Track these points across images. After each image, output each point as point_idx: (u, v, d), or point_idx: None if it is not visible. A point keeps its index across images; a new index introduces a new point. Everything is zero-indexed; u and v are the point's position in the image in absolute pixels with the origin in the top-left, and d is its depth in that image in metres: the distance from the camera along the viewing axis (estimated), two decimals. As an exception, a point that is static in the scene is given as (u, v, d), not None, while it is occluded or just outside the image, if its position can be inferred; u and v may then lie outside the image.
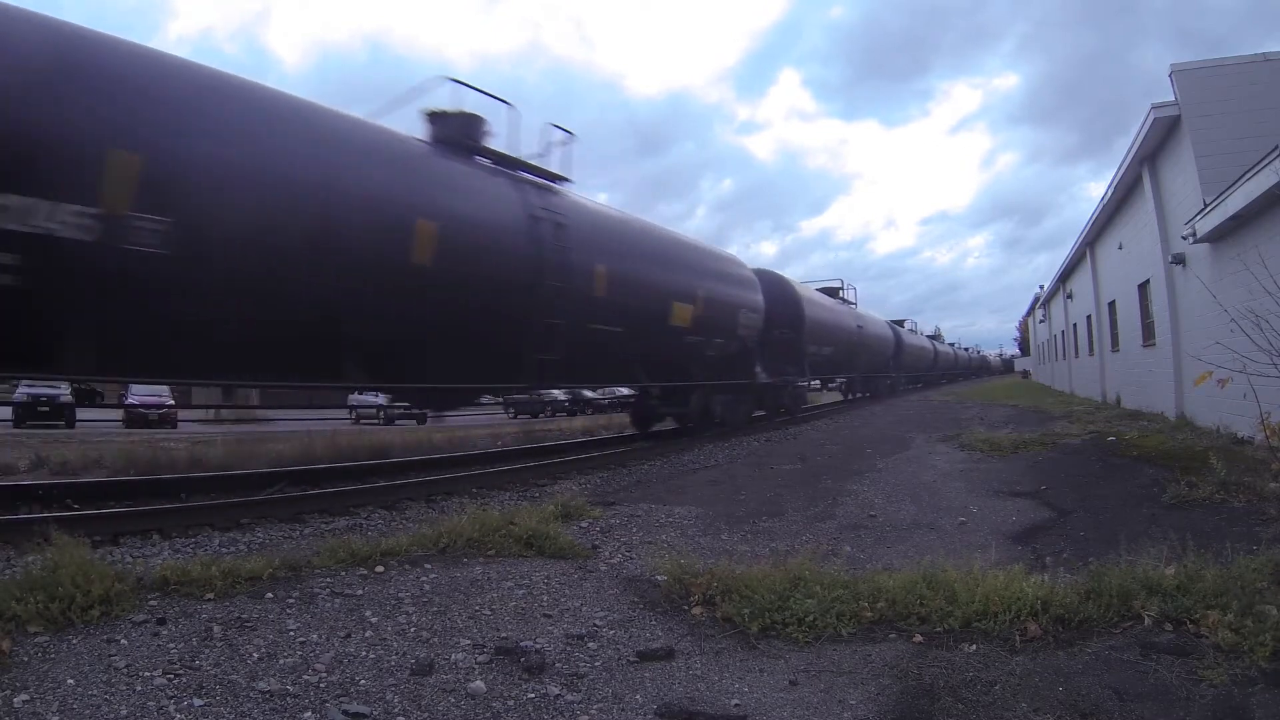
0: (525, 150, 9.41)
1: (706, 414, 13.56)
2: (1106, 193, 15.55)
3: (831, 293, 22.97)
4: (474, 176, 8.49)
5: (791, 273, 21.14)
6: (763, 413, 16.85)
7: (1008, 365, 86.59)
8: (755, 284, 14.95)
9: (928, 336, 44.63)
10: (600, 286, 9.64)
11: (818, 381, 23.38)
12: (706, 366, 13.18)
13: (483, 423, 20.51)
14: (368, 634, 3.18)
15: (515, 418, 26.20)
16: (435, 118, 8.44)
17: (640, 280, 10.67)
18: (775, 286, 16.78)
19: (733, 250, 18.09)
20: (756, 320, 14.35)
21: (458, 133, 8.45)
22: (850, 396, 28.19)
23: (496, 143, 8.99)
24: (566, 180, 9.97)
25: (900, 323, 34.51)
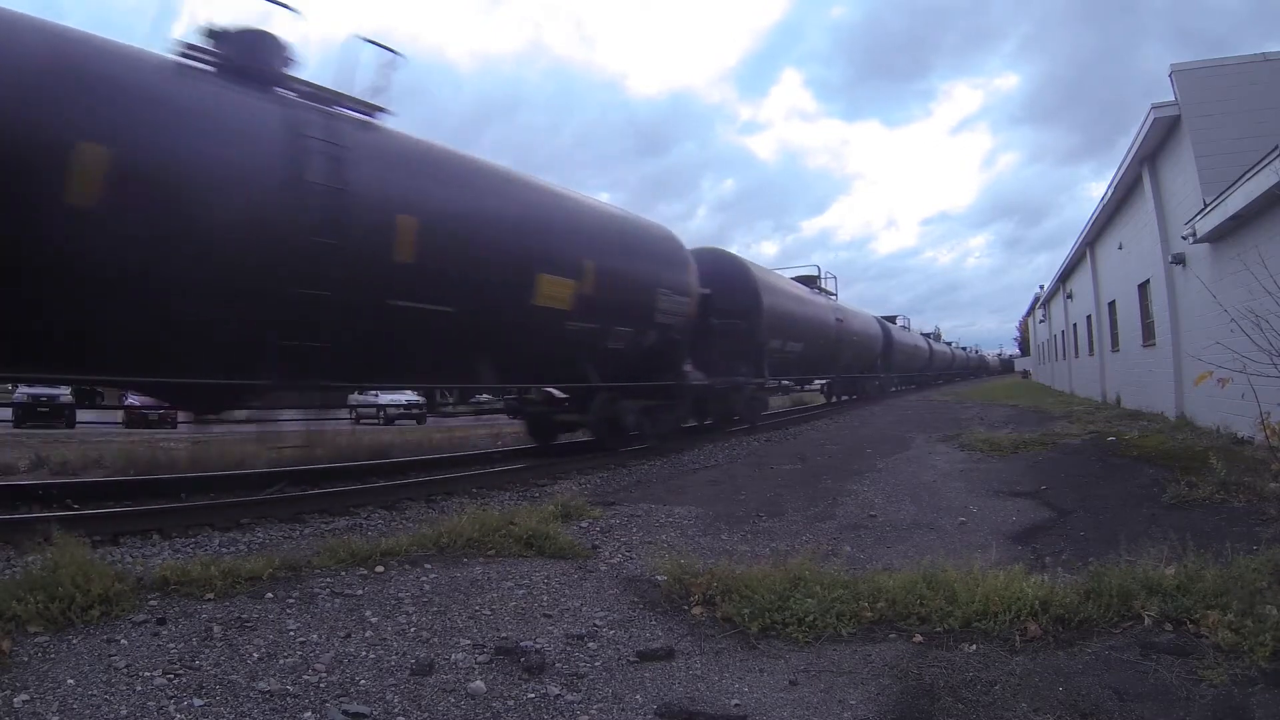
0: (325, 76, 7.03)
1: (614, 424, 10.63)
2: (1106, 193, 15.55)
3: (808, 281, 19.92)
4: (186, 92, 5.88)
5: (791, 274, 19.54)
6: (706, 422, 14.14)
7: (1007, 365, 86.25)
8: (685, 261, 11.93)
9: (923, 334, 41.67)
10: (406, 247, 6.95)
11: (793, 383, 20.77)
12: (607, 363, 10.21)
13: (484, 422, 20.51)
14: (368, 634, 3.18)
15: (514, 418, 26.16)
16: None
17: (483, 243, 7.87)
18: (721, 267, 13.98)
19: (734, 250, 17.20)
20: (684, 306, 11.46)
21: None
22: (833, 399, 26.18)
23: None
24: (381, 111, 7.37)
25: (892, 319, 32.01)
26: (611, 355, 10.28)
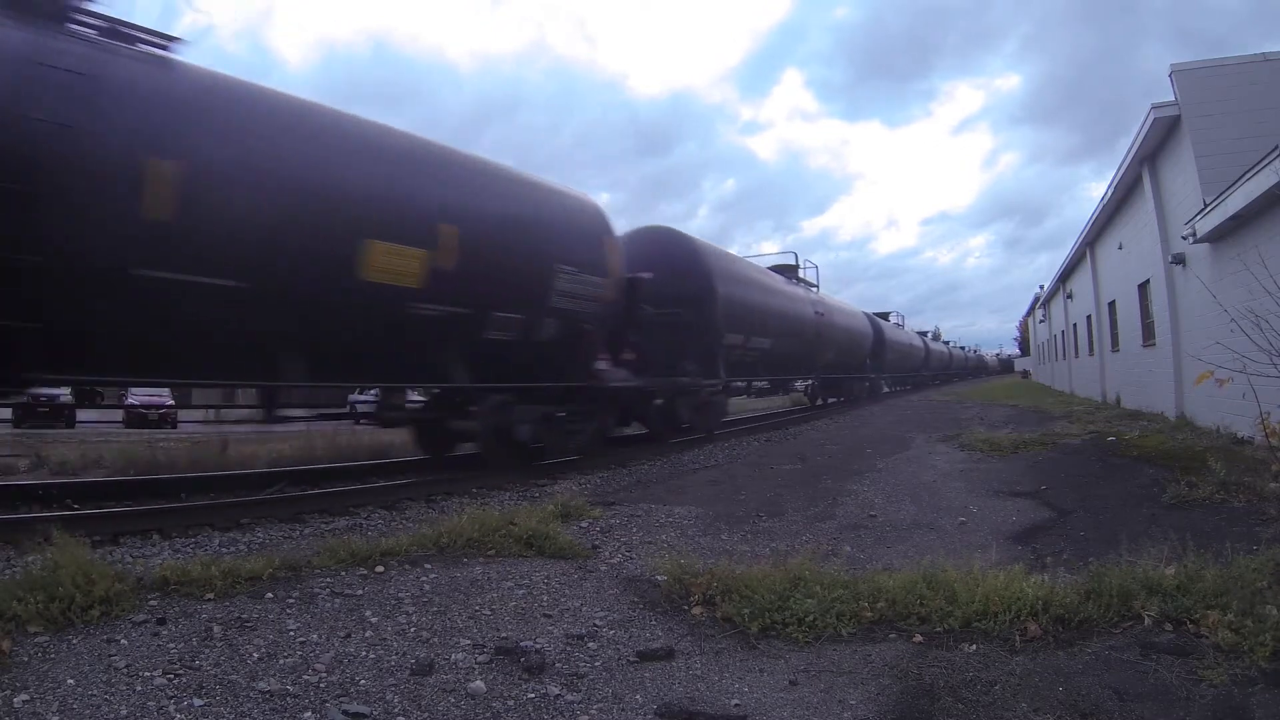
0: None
1: (506, 435, 8.43)
2: (1106, 193, 15.56)
3: (785, 271, 17.59)
4: None
5: (769, 261, 18.24)
6: (639, 430, 11.98)
7: (1006, 365, 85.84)
8: (599, 234, 9.58)
9: (919, 334, 39.34)
10: (161, 200, 5.43)
11: (766, 384, 18.92)
12: (488, 358, 8.24)
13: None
14: (368, 634, 3.18)
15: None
16: None
17: (277, 197, 6.18)
18: (665, 248, 12.03)
19: (734, 250, 15.77)
20: (598, 289, 9.26)
21: None
22: (817, 402, 24.01)
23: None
24: (176, 42, 5.98)
25: (885, 315, 30.08)
26: (493, 348, 8.24)
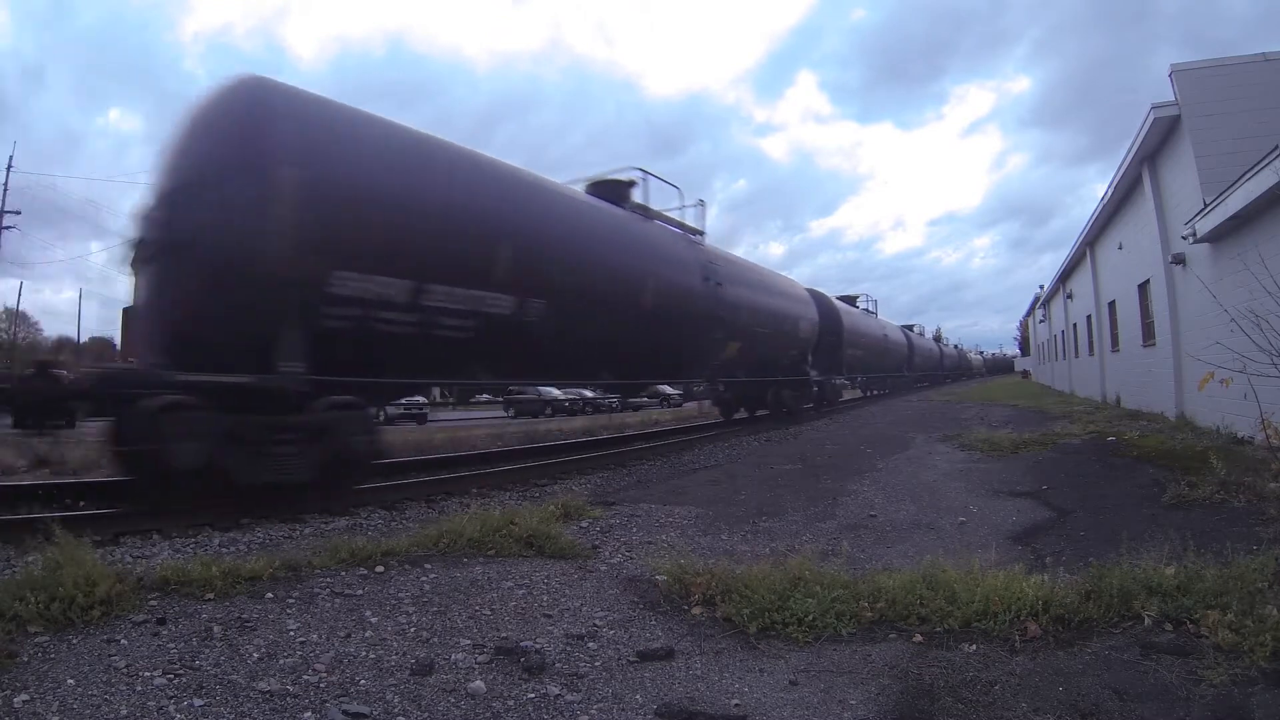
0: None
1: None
2: (1107, 193, 15.56)
3: (611, 192, 11.77)
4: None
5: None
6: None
7: (995, 365, 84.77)
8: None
9: (903, 327, 36.15)
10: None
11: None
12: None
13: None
14: (368, 634, 3.18)
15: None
16: None
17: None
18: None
19: (739, 252, 13.78)
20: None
21: None
22: (735, 415, 17.89)
23: None
24: None
25: (851, 300, 26.26)
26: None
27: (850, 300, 25.57)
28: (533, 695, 2.68)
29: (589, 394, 23.02)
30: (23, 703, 2.45)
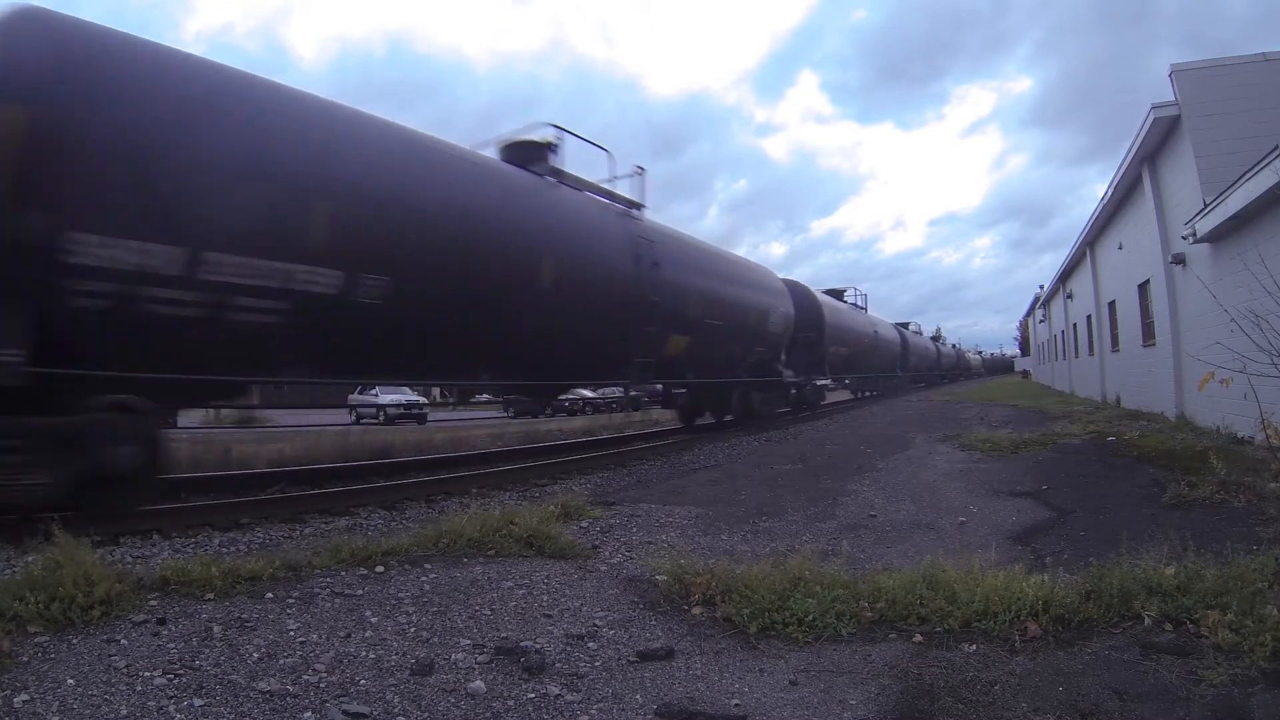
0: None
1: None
2: (1106, 193, 15.56)
3: (523, 156, 10.62)
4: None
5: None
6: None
7: (994, 365, 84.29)
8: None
9: (897, 325, 34.46)
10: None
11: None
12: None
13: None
14: (368, 634, 3.18)
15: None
16: None
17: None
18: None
19: (741, 252, 12.92)
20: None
21: None
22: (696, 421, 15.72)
23: None
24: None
25: (839, 293, 24.57)
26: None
27: (837, 294, 23.51)
28: (533, 695, 2.68)
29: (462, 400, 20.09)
30: (23, 703, 2.45)
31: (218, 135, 5.81)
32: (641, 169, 11.25)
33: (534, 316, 8.52)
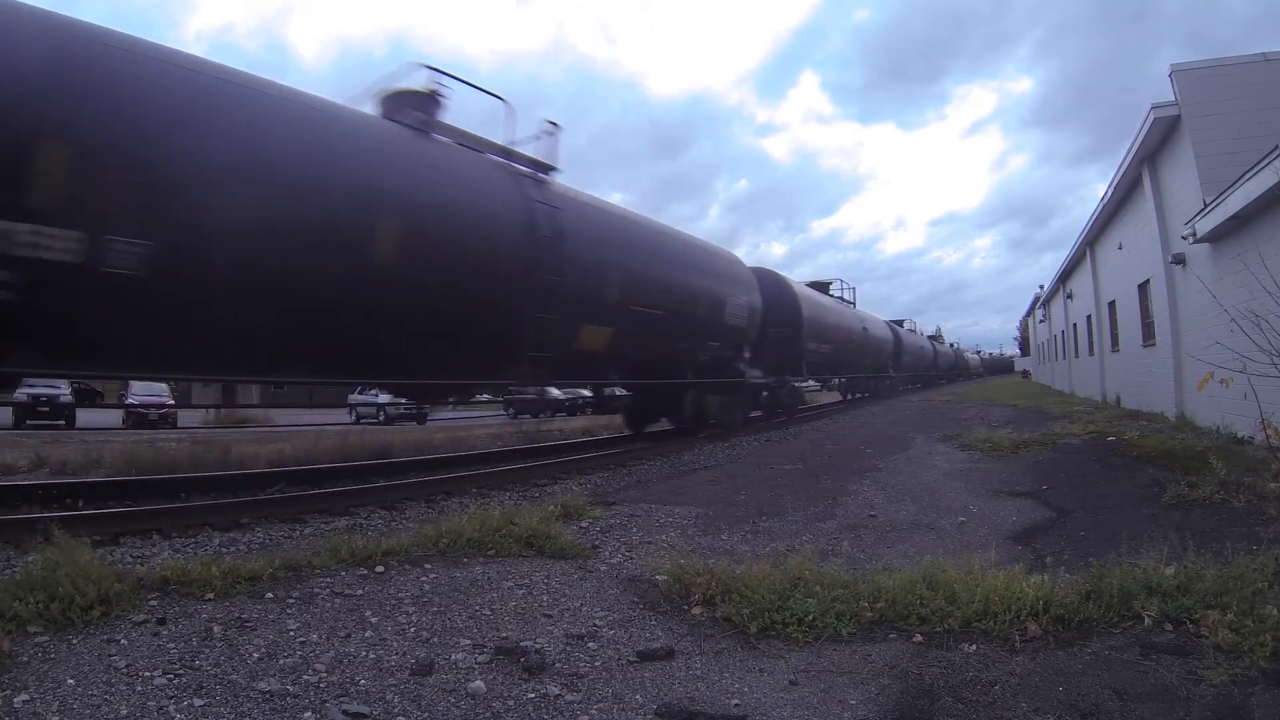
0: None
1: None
2: (1106, 193, 15.56)
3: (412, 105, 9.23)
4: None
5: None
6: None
7: (993, 366, 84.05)
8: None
9: (891, 323, 31.85)
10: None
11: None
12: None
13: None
14: (368, 634, 3.18)
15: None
16: None
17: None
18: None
19: (741, 252, 12.01)
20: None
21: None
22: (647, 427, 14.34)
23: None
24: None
25: (823, 286, 22.57)
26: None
27: (821, 287, 21.49)
28: (533, 695, 2.68)
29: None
30: (23, 703, 2.45)
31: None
32: (555, 125, 9.34)
33: (366, 297, 6.73)
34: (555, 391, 23.87)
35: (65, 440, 12.41)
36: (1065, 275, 25.42)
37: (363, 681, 2.73)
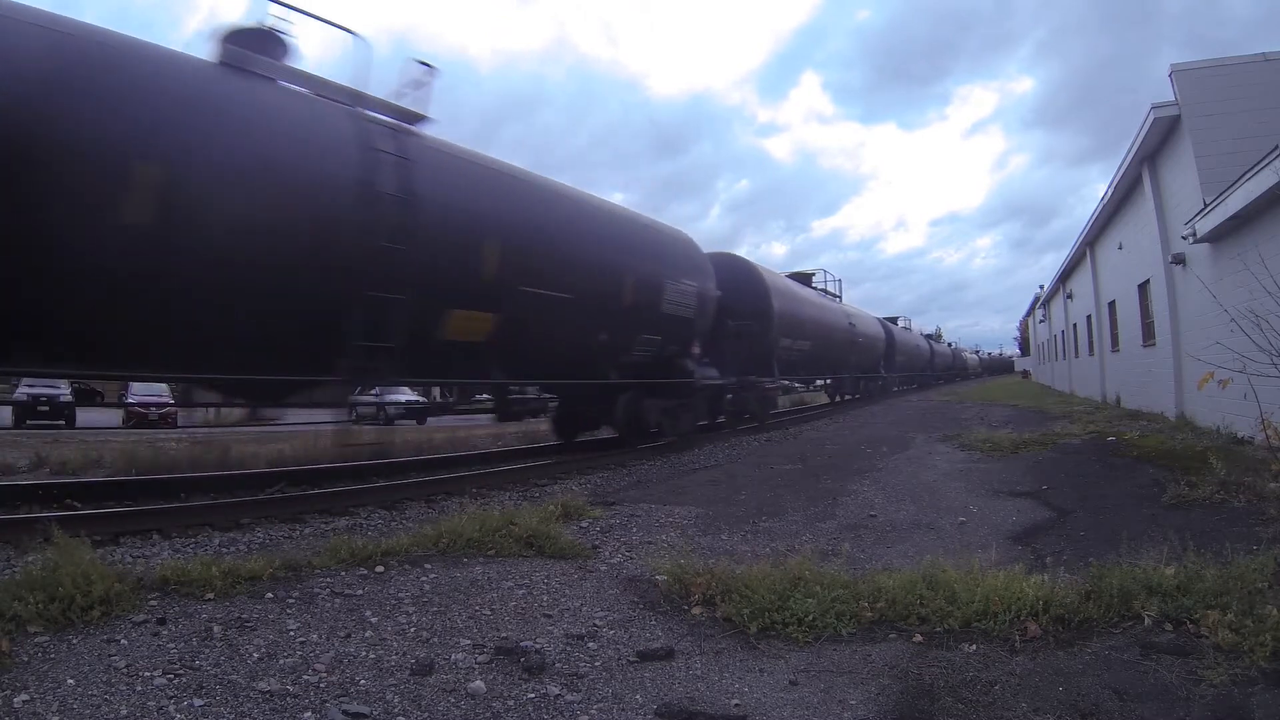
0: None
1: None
2: (1107, 193, 15.56)
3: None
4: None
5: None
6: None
7: (992, 366, 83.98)
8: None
9: (883, 320, 29.83)
10: None
11: None
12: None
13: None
14: (368, 634, 3.18)
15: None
16: None
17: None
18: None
19: (742, 252, 9.72)
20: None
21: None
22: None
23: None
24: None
25: (806, 278, 20.22)
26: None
27: (803, 278, 19.22)
28: (533, 695, 2.68)
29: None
30: (23, 703, 2.45)
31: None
32: (430, 67, 7.68)
33: (114, 264, 5.21)
34: (405, 393, 18.51)
35: (65, 440, 12.41)
36: (1065, 275, 25.43)
37: (363, 681, 2.73)
